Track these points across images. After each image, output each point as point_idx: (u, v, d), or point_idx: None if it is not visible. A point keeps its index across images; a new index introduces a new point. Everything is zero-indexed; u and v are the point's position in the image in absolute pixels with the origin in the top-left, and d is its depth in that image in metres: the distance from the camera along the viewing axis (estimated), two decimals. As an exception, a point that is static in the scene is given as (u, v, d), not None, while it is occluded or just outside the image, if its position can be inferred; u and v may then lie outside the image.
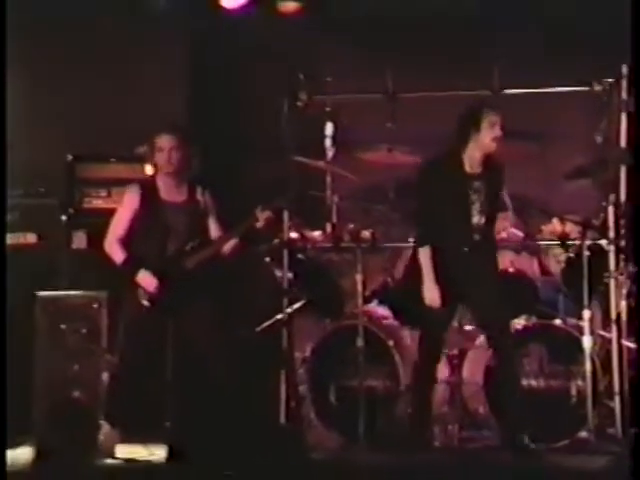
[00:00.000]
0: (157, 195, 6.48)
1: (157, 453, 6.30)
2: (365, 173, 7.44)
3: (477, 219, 6.52)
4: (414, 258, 6.55)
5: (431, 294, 6.48)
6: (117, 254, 6.48)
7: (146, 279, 6.39)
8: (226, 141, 7.60)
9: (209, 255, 6.48)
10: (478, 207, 6.50)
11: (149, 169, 6.74)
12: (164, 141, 6.41)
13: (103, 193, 7.42)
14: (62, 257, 7.24)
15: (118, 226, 6.52)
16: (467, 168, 6.52)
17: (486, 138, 6.52)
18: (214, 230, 6.55)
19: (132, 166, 7.27)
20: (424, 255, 6.50)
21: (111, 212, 6.69)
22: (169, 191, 6.46)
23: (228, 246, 6.55)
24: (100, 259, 6.70)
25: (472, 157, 6.52)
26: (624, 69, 6.83)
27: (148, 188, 6.48)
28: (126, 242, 6.48)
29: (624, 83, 6.86)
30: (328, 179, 7.33)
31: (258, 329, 7.24)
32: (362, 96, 7.48)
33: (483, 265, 6.50)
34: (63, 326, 6.50)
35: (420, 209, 6.54)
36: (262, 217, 6.50)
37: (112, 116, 7.53)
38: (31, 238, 7.20)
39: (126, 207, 6.50)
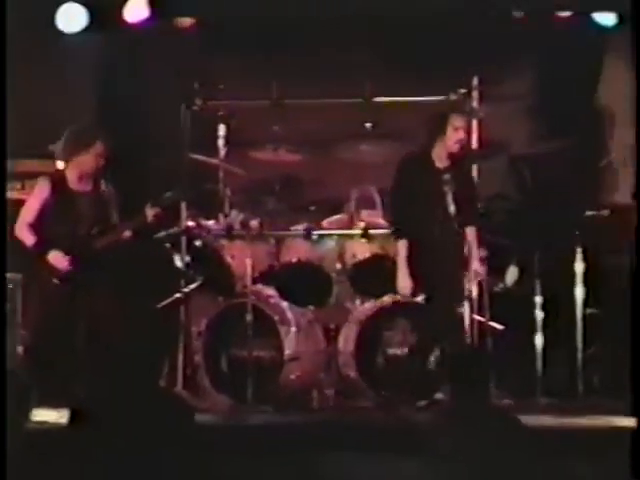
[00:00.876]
0: (66, 185, 6.75)
1: (66, 416, 6.39)
2: (254, 169, 7.64)
3: (452, 209, 6.71)
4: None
5: (403, 284, 6.74)
6: (27, 237, 6.74)
7: (57, 258, 6.68)
8: (132, 140, 7.70)
9: (112, 240, 6.76)
10: (450, 198, 6.69)
11: (60, 164, 6.95)
12: (98, 148, 6.67)
13: (18, 186, 7.61)
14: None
15: (27, 213, 6.78)
16: (437, 164, 6.73)
17: (450, 140, 6.75)
18: (115, 218, 6.84)
19: (44, 162, 7.38)
20: (401, 247, 6.75)
21: (24, 203, 6.91)
22: (78, 182, 6.75)
23: (127, 233, 6.82)
24: (15, 245, 6.83)
25: (439, 154, 6.76)
26: (475, 81, 7.24)
27: (58, 180, 6.76)
28: (36, 227, 6.73)
29: (475, 93, 7.23)
30: (221, 174, 7.49)
31: (159, 306, 7.40)
32: (251, 102, 7.65)
33: (460, 251, 6.76)
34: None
35: (398, 204, 6.77)
36: (150, 214, 6.77)
37: (27, 116, 7.59)
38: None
39: (36, 197, 6.80)
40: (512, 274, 7.39)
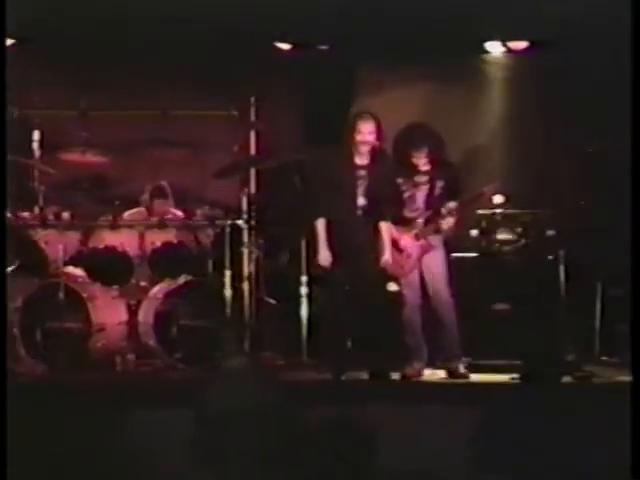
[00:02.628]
0: None
1: None
2: (65, 169, 7.82)
3: (361, 200, 6.99)
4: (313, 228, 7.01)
5: (324, 256, 7.01)
6: None
7: None
8: None
9: None
10: (362, 191, 6.97)
11: None
12: None
13: None
14: None
15: None
16: (356, 160, 6.95)
17: (358, 139, 6.92)
18: None
19: None
20: (320, 225, 7.03)
21: None
22: None
23: None
24: None
25: (359, 151, 6.96)
26: (252, 100, 7.64)
27: None
28: None
29: (252, 110, 7.64)
30: (36, 173, 7.59)
31: None
32: (62, 111, 7.81)
33: (364, 235, 7.00)
34: None
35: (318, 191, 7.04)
36: None
37: None
38: None
39: None
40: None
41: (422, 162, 7.24)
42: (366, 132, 6.96)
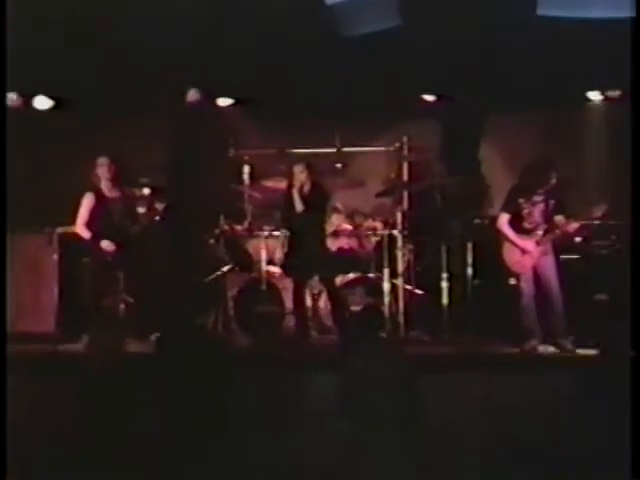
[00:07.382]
0: (103, 194, 7.62)
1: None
2: (267, 193, 8.43)
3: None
4: None
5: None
6: (84, 233, 7.52)
7: (106, 244, 7.53)
8: (192, 176, 8.80)
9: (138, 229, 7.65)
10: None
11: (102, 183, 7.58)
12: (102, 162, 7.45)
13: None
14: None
15: (81, 217, 7.59)
16: None
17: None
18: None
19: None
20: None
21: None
22: (109, 192, 7.64)
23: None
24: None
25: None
26: (404, 138, 7.99)
27: (98, 193, 7.60)
28: (88, 225, 7.58)
29: (405, 146, 8.02)
30: (246, 196, 8.34)
31: (207, 280, 8.32)
32: (265, 151, 8.46)
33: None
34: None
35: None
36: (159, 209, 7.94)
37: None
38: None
39: (84, 205, 7.63)
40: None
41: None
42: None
